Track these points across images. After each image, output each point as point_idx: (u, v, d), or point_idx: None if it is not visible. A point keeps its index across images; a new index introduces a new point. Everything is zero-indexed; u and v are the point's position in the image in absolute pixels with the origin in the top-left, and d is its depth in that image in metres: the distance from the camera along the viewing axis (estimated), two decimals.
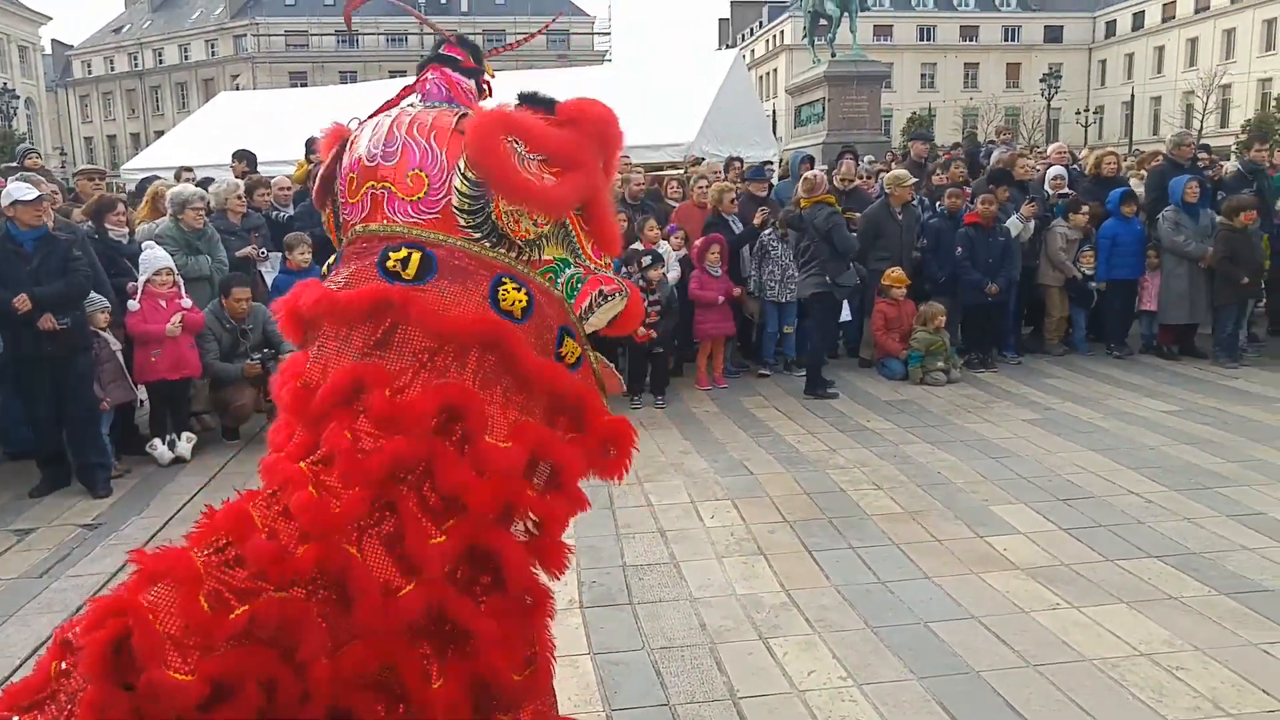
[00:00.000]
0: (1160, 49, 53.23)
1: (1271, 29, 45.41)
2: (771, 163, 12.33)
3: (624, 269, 6.76)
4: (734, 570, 3.86)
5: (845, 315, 7.33)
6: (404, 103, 1.92)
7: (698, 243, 7.09)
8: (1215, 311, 7.64)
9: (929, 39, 57.87)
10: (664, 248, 7.02)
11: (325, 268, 1.95)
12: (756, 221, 7.34)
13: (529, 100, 1.86)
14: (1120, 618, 3.38)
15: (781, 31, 56.69)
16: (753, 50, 59.97)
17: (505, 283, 1.80)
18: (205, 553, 1.56)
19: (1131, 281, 7.98)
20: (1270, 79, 41.26)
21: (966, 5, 58.59)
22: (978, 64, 57.88)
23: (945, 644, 3.22)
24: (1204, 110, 45.07)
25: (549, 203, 1.79)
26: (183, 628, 1.46)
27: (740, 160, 9.60)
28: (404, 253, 1.79)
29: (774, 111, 39.58)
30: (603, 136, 1.83)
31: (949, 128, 48.90)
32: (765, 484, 4.93)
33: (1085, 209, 7.95)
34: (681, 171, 9.89)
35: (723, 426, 6.10)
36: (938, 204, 8.06)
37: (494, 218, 1.80)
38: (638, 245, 6.76)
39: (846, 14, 19.32)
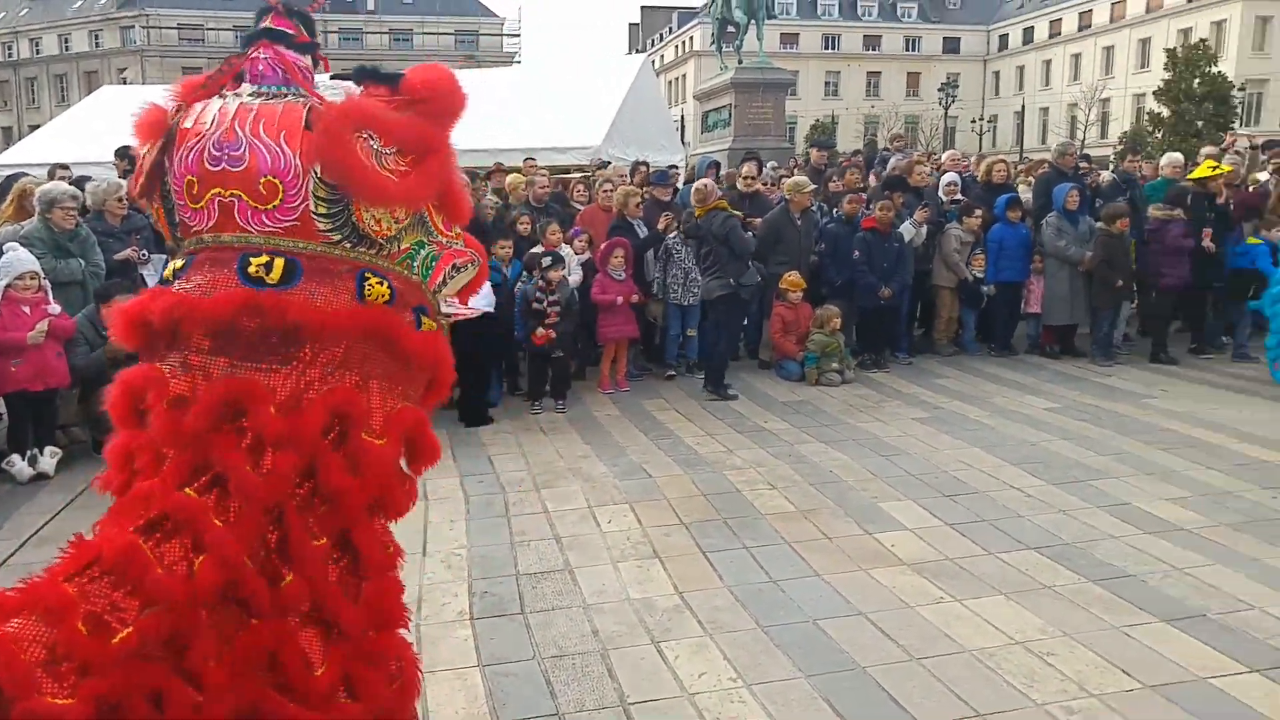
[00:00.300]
0: (1048, 63, 56.30)
1: (1146, 48, 48.60)
2: (677, 167, 12.43)
3: (524, 272, 6.70)
4: (629, 575, 3.85)
5: None
6: (245, 91, 1.80)
7: (602, 246, 7.07)
8: (1093, 313, 8.08)
9: (833, 48, 59.59)
10: (566, 251, 6.97)
11: (170, 272, 1.84)
12: (661, 226, 7.37)
13: (370, 77, 1.81)
14: (999, 609, 3.51)
15: (691, 37, 57.40)
16: (662, 55, 60.54)
17: (369, 278, 1.80)
18: (79, 580, 1.51)
19: (1018, 284, 8.36)
20: (1144, 94, 44.06)
21: (870, 15, 60.60)
22: (880, 73, 59.92)
23: (833, 641, 3.28)
24: (1086, 122, 47.86)
25: (409, 200, 1.79)
26: (50, 655, 1.40)
27: (647, 164, 9.63)
28: (265, 258, 1.73)
29: (683, 116, 40.06)
30: (450, 109, 1.82)
31: (851, 135, 50.45)
32: (663, 486, 4.94)
33: (978, 213, 8.28)
34: (587, 175, 9.86)
35: (623, 430, 6.10)
36: (835, 210, 8.26)
37: (354, 219, 1.77)
38: (538, 248, 6.70)
39: (754, 22, 19.68)
